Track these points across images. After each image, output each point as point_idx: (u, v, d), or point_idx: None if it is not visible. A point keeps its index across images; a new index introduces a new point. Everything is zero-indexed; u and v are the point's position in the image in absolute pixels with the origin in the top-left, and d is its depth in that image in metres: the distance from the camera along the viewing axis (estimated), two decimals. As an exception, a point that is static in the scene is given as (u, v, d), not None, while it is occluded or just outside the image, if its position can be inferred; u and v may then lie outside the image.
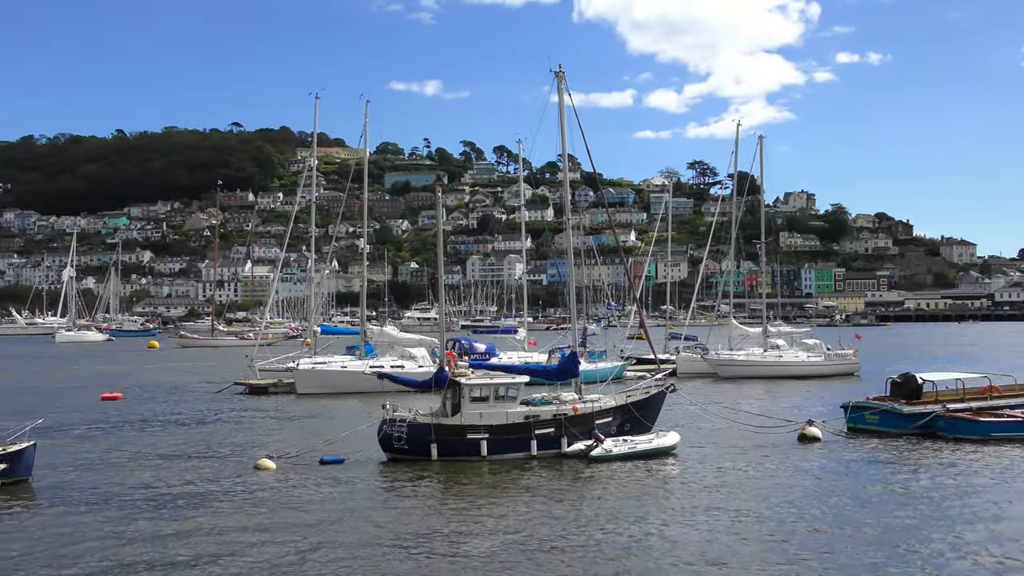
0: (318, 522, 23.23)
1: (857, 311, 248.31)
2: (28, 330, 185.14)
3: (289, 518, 23.68)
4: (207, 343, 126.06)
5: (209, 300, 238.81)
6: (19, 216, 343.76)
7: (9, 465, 27.27)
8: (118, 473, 30.01)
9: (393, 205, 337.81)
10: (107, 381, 66.03)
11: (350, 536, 21.98)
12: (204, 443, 36.39)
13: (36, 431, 29.47)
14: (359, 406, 46.28)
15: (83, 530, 22.58)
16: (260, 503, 25.52)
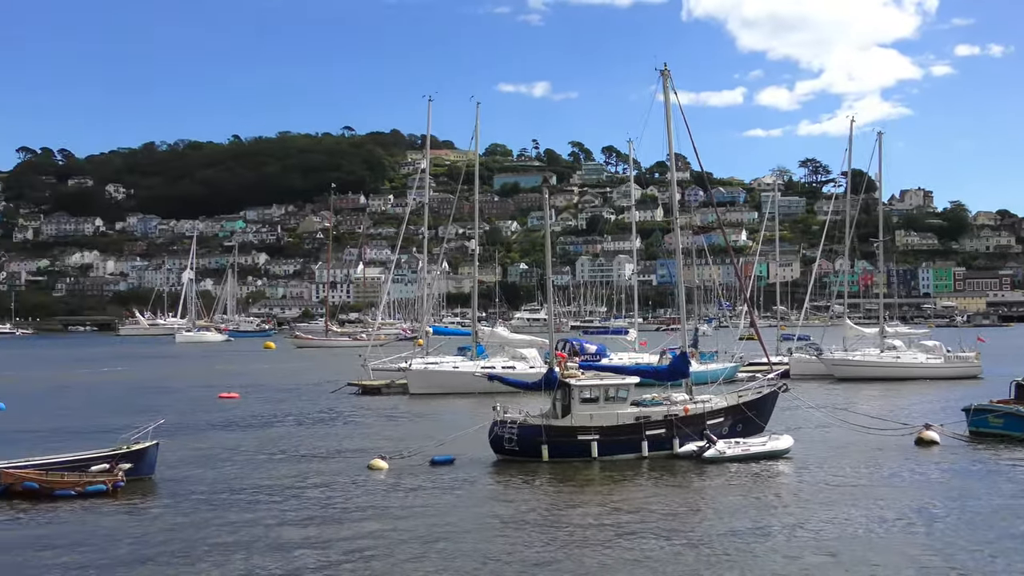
0: (430, 523, 23.48)
1: (978, 312, 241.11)
2: (150, 331, 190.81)
3: (401, 518, 23.98)
4: (321, 344, 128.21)
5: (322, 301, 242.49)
6: (141, 220, 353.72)
7: (133, 464, 28.17)
8: (235, 471, 30.78)
9: (502, 206, 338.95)
10: (225, 381, 67.67)
11: (462, 537, 22.19)
12: (319, 442, 37.09)
13: (158, 430, 30.38)
14: (470, 407, 46.60)
15: (202, 526, 23.21)
16: (373, 503, 25.92)
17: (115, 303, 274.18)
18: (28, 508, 24.93)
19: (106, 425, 41.28)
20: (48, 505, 25.25)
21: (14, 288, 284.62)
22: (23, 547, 21.27)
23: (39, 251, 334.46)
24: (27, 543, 21.62)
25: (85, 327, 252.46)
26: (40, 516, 24.22)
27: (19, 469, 26.91)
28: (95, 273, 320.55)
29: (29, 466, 27.40)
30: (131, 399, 56.32)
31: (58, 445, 34.10)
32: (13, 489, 25.95)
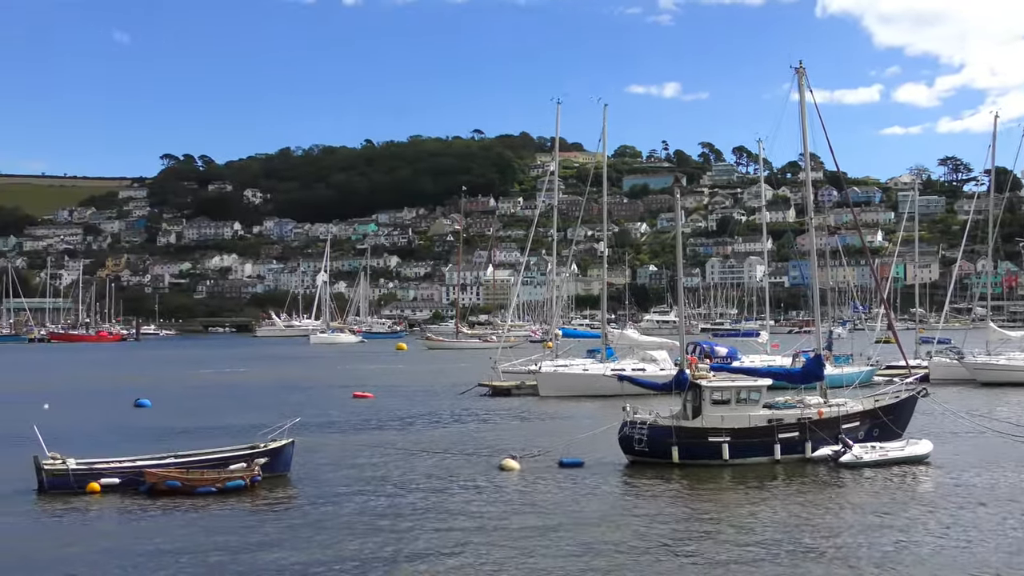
0: (560, 523, 23.45)
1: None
2: (285, 332, 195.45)
3: (531, 518, 24.01)
4: (452, 345, 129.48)
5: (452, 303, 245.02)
6: (277, 224, 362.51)
7: (270, 461, 28.87)
8: (369, 469, 31.25)
9: (631, 208, 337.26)
10: (359, 381, 68.84)
11: (591, 538, 22.08)
12: (450, 442, 37.40)
13: (294, 428, 31.04)
14: (599, 409, 46.42)
15: (336, 522, 23.62)
16: (504, 503, 26.00)
17: (252, 305, 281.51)
18: (170, 505, 25.70)
19: (244, 423, 42.34)
20: (190, 502, 25.99)
21: (158, 290, 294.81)
22: (166, 543, 21.92)
23: (181, 255, 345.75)
24: (170, 539, 22.29)
25: (224, 328, 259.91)
26: (181, 513, 24.94)
27: (162, 468, 27.77)
28: (234, 276, 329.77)
29: (171, 464, 28.28)
30: (268, 398, 57.72)
31: (199, 442, 35.16)
32: (157, 486, 26.82)
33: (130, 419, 46.56)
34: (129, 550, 21.24)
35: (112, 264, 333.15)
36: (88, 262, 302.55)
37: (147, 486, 26.92)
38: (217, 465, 28.25)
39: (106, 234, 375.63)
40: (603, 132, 63.34)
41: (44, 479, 27.01)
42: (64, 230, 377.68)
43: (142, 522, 24.10)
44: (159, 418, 46.64)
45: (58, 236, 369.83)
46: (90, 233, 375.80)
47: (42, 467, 27.12)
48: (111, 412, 49.84)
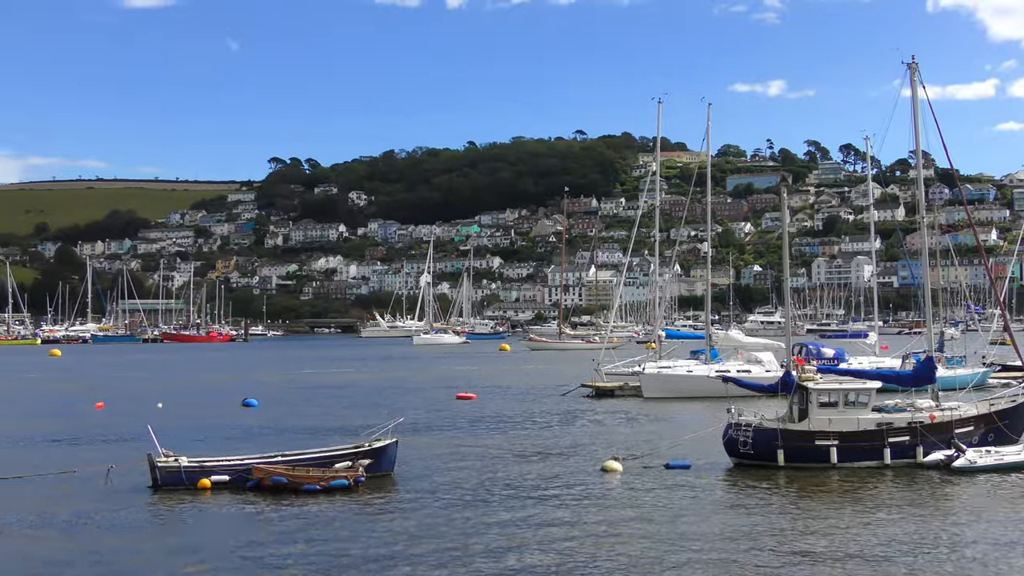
0: (664, 526, 23.21)
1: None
2: (389, 333, 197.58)
3: (635, 521, 23.78)
4: (554, 346, 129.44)
5: (555, 304, 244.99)
6: (382, 226, 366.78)
7: (374, 460, 29.14)
8: (471, 469, 31.33)
9: (735, 208, 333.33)
10: (462, 382, 69.23)
11: (696, 542, 21.80)
12: (553, 443, 37.34)
13: (398, 428, 31.29)
14: (703, 410, 45.96)
15: (438, 522, 23.69)
16: (607, 505, 25.83)
17: (357, 306, 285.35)
18: (277, 501, 26.13)
19: (348, 423, 42.90)
20: (295, 499, 26.39)
21: (265, 292, 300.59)
22: (272, 538, 22.28)
23: (288, 256, 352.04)
24: (275, 535, 22.65)
25: (329, 329, 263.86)
26: (287, 509, 25.32)
27: (269, 465, 28.27)
28: (339, 277, 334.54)
29: (279, 462, 28.76)
30: (372, 398, 58.38)
31: (305, 441, 35.74)
32: (264, 483, 27.30)
33: (238, 418, 47.48)
34: (237, 543, 21.65)
35: (222, 266, 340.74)
36: (199, 264, 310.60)
37: (255, 483, 27.41)
38: (322, 464, 28.64)
39: (216, 237, 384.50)
40: (707, 131, 62.65)
41: (158, 476, 27.77)
42: (176, 233, 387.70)
43: (250, 517, 24.55)
44: (266, 417, 47.48)
45: (170, 239, 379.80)
46: (201, 236, 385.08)
47: (156, 464, 27.87)
48: (220, 411, 50.90)
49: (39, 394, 65.58)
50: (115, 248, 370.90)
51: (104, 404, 53.20)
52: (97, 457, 32.26)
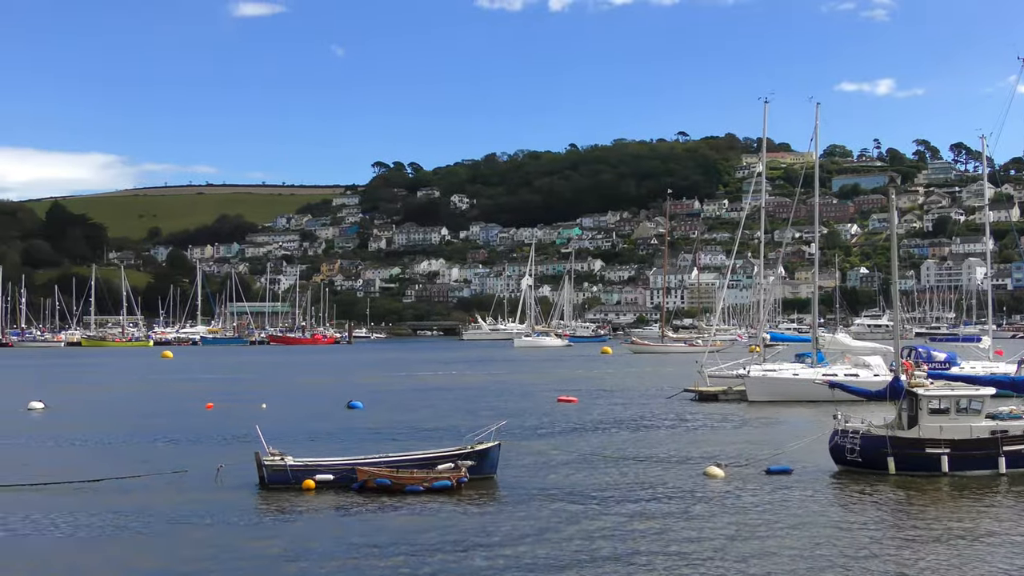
0: (766, 532, 22.88)
1: None
2: (491, 336, 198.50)
3: (737, 528, 23.48)
4: (657, 349, 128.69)
5: (656, 307, 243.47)
6: (483, 229, 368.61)
7: (476, 463, 29.26)
8: (573, 473, 31.26)
9: (841, 209, 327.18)
10: (563, 385, 69.18)
11: (798, 549, 21.43)
12: (655, 448, 37.07)
13: (500, 431, 31.37)
14: (809, 415, 45.24)
15: (540, 525, 23.66)
16: (710, 511, 25.52)
17: (459, 309, 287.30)
18: (381, 502, 26.40)
19: (451, 425, 43.19)
20: (398, 500, 26.63)
21: (369, 295, 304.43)
22: (375, 538, 22.51)
23: (391, 260, 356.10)
24: (378, 535, 22.87)
25: (432, 332, 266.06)
26: (390, 510, 25.57)
27: (373, 466, 28.59)
28: (441, 280, 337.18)
29: (382, 463, 29.07)
30: (474, 401, 58.61)
31: (408, 443, 36.08)
32: (368, 484, 27.60)
33: (343, 420, 48.11)
34: (341, 542, 21.96)
35: (326, 269, 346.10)
36: (304, 267, 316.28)
37: (359, 483, 27.74)
38: (425, 465, 28.87)
39: (321, 240, 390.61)
40: (815, 131, 61.63)
41: (265, 474, 28.31)
42: (282, 237, 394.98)
43: (354, 517, 24.87)
44: (370, 419, 48.03)
45: (277, 243, 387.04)
46: (306, 239, 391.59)
47: (263, 463, 28.40)
48: (325, 413, 51.63)
49: (153, 395, 67.36)
50: (224, 252, 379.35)
51: (213, 405, 54.38)
52: (208, 456, 33.00)
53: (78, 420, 48.91)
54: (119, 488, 28.58)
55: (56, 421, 48.15)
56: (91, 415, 51.97)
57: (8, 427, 45.40)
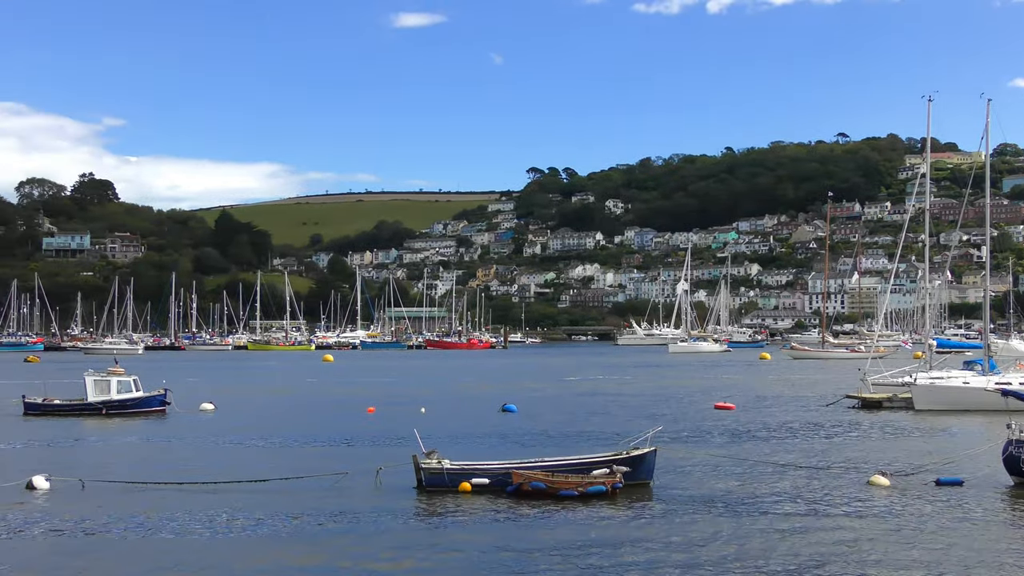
0: (937, 548, 21.96)
1: None
2: (646, 341, 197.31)
3: (906, 541, 22.61)
4: (816, 355, 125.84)
5: (816, 312, 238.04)
6: (638, 233, 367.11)
7: (632, 468, 28.96)
8: (731, 480, 30.68)
9: (1012, 210, 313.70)
10: (720, 391, 68.23)
11: (968, 566, 20.53)
12: (814, 455, 36.09)
13: (656, 437, 31.01)
14: (980, 425, 43.48)
15: (697, 534, 23.21)
16: (875, 523, 24.65)
17: (613, 314, 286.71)
18: (535, 506, 26.37)
19: (606, 430, 42.99)
20: (552, 503, 26.57)
21: (524, 300, 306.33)
22: (529, 542, 22.49)
23: (546, 265, 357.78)
24: (533, 538, 22.84)
25: (586, 337, 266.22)
26: (545, 514, 25.50)
27: (528, 469, 28.62)
28: (596, 285, 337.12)
29: (537, 467, 29.07)
30: (629, 406, 58.26)
31: (562, 448, 36.05)
32: (523, 488, 27.63)
33: (498, 423, 48.38)
34: (496, 545, 22.04)
35: (482, 274, 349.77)
36: (460, 273, 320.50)
37: (514, 487, 27.80)
38: (580, 470, 28.73)
39: (476, 246, 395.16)
40: (986, 129, 58.96)
41: (422, 477, 28.64)
42: (439, 243, 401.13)
43: (509, 520, 24.91)
44: (525, 423, 48.18)
45: (433, 248, 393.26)
46: (462, 245, 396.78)
47: (420, 466, 28.74)
48: (480, 416, 52.04)
49: (315, 398, 69.06)
50: (382, 258, 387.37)
51: (375, 409, 55.37)
52: (368, 459, 33.59)
53: (244, 421, 50.53)
54: (284, 488, 29.31)
55: (224, 422, 49.85)
56: (257, 417, 53.59)
57: (182, 427, 47.23)
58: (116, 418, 50.58)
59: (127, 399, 52.71)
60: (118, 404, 52.11)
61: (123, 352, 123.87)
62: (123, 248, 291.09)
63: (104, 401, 51.98)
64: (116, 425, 48.30)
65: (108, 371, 54.13)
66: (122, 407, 52.12)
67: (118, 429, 46.67)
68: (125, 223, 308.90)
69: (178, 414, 52.24)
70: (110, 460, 35.55)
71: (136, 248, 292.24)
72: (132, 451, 39.34)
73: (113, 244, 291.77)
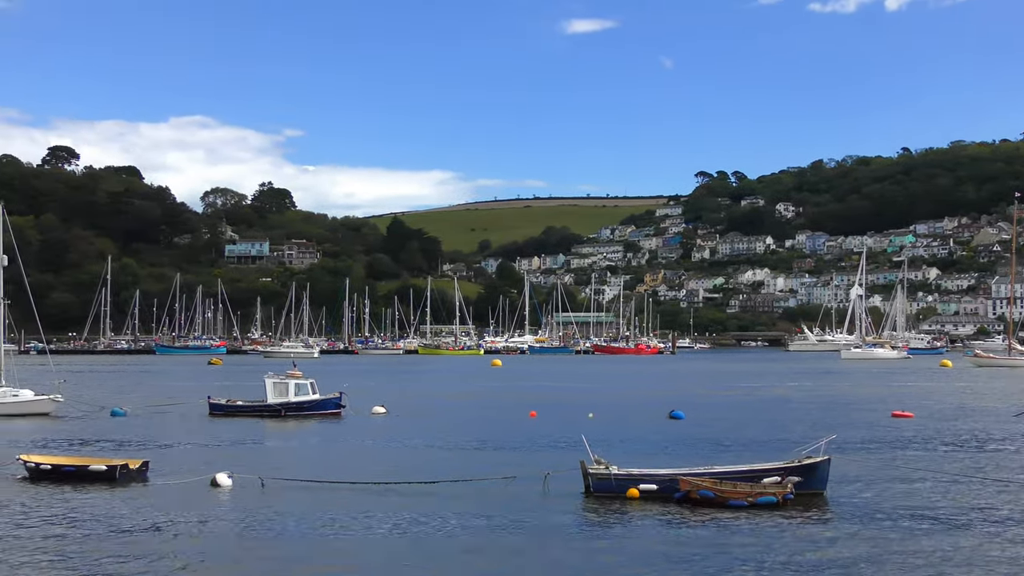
0: None
1: None
2: (818, 347, 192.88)
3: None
4: (1003, 363, 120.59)
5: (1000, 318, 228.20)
6: (810, 238, 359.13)
7: (804, 478, 28.25)
8: (910, 492, 29.60)
9: None
10: (897, 399, 66.16)
11: None
12: (1002, 469, 34.46)
13: (830, 446, 30.19)
14: None
15: (876, 550, 22.42)
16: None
17: (784, 319, 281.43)
18: (703, 515, 26.01)
19: (775, 437, 42.21)
20: (721, 513, 26.15)
21: (692, 304, 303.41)
22: (697, 552, 22.17)
23: (715, 269, 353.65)
24: (701, 549, 22.49)
25: (756, 342, 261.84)
26: (713, 523, 25.12)
27: (696, 477, 28.29)
28: (766, 290, 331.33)
29: (705, 475, 28.70)
30: (799, 413, 57.00)
31: (730, 455, 35.57)
32: (691, 496, 27.33)
33: (665, 430, 47.99)
34: (664, 553, 21.85)
35: (650, 280, 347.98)
36: (628, 278, 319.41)
37: (681, 494, 27.52)
38: (750, 479, 28.21)
39: (644, 251, 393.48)
40: None
41: (590, 482, 28.64)
42: (606, 248, 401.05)
43: (676, 528, 24.63)
44: (692, 429, 47.66)
45: (601, 253, 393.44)
46: (630, 250, 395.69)
47: (588, 471, 28.75)
48: (647, 422, 51.68)
49: (484, 402, 69.91)
50: (550, 263, 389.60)
51: (536, 413, 55.72)
52: (535, 463, 33.81)
53: (414, 424, 51.48)
54: (452, 491, 29.75)
55: (395, 424, 50.95)
56: (426, 420, 54.52)
57: (356, 429, 48.52)
58: (294, 419, 52.36)
59: (304, 401, 54.49)
60: (296, 406, 53.93)
61: (299, 356, 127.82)
62: (299, 255, 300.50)
63: (283, 403, 53.87)
64: (294, 426, 50.02)
65: (287, 374, 56.08)
66: (299, 409, 53.91)
67: (296, 430, 48.32)
68: (301, 230, 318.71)
69: (352, 416, 53.69)
70: (288, 460, 36.81)
71: (312, 254, 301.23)
72: (309, 451, 40.67)
73: (290, 251, 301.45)
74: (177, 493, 29.15)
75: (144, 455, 35.12)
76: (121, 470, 31.54)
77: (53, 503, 27.90)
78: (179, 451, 39.78)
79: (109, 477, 31.28)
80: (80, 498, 28.60)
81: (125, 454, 36.02)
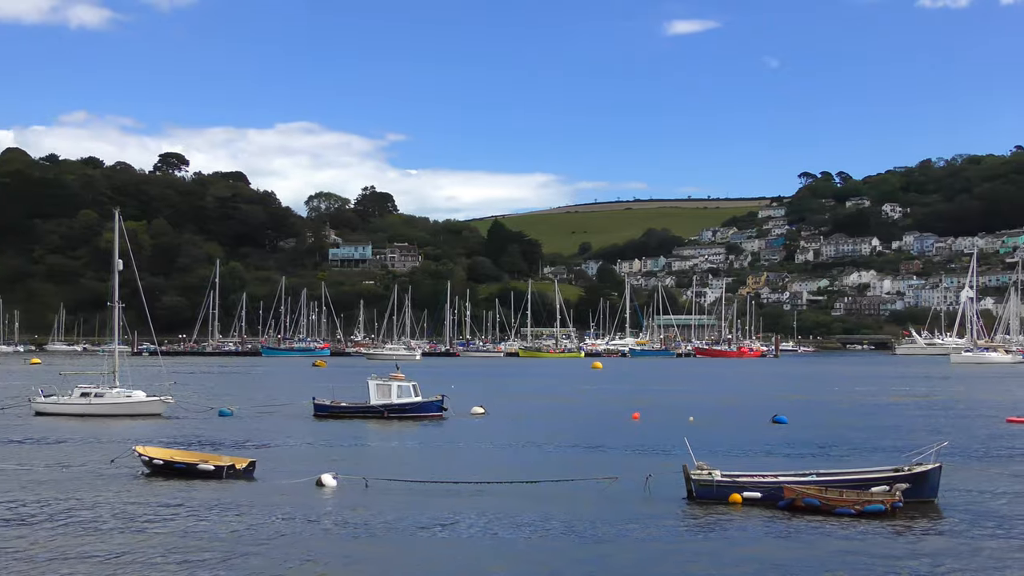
0: None
1: None
2: (926, 350, 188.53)
3: None
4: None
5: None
6: (917, 239, 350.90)
7: (913, 485, 27.53)
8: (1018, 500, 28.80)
9: None
10: (1013, 404, 64.33)
11: None
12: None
13: (941, 452, 29.42)
14: None
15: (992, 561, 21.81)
16: None
17: (891, 322, 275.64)
18: (809, 523, 25.50)
19: (884, 444, 41.38)
20: (827, 521, 25.58)
21: (796, 307, 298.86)
22: (804, 562, 21.79)
23: (819, 271, 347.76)
24: (808, 559, 22.08)
25: (862, 346, 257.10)
26: (820, 532, 24.61)
27: (801, 484, 27.78)
28: (871, 292, 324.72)
29: (811, 482, 28.17)
30: (908, 419, 55.76)
31: (835, 462, 34.91)
32: (796, 504, 26.84)
33: (768, 435, 47.31)
34: (770, 563, 21.44)
35: (752, 282, 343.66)
36: (730, 280, 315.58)
37: (786, 502, 27.06)
38: (857, 486, 27.58)
39: (746, 253, 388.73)
40: None
41: (692, 487, 28.36)
42: (708, 250, 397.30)
43: (781, 537, 24.16)
44: (796, 434, 46.92)
45: (702, 256, 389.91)
46: (731, 252, 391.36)
47: (690, 476, 28.48)
48: (750, 426, 51.06)
49: (584, 404, 69.88)
50: (650, 266, 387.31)
51: (639, 415, 55.46)
52: (636, 465, 33.64)
53: (513, 425, 51.67)
54: (553, 491, 29.75)
55: (495, 426, 51.17)
56: (526, 421, 54.67)
57: (457, 431, 48.83)
58: (396, 421, 52.91)
59: (407, 403, 55.02)
60: (398, 408, 54.50)
61: (401, 358, 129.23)
62: (401, 258, 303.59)
63: (385, 405, 54.49)
64: (396, 428, 50.54)
65: (390, 376, 56.73)
66: (402, 411, 54.46)
67: (398, 431, 48.82)
68: (403, 234, 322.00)
69: (453, 418, 54.05)
70: (391, 461, 37.21)
71: (414, 257, 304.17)
72: (411, 453, 41.06)
73: (392, 254, 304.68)
74: (285, 493, 29.63)
75: (251, 455, 35.81)
76: (228, 469, 32.25)
77: (169, 498, 28.54)
78: (285, 451, 40.48)
79: (217, 475, 32.04)
80: (191, 494, 29.25)
81: (232, 453, 36.77)
